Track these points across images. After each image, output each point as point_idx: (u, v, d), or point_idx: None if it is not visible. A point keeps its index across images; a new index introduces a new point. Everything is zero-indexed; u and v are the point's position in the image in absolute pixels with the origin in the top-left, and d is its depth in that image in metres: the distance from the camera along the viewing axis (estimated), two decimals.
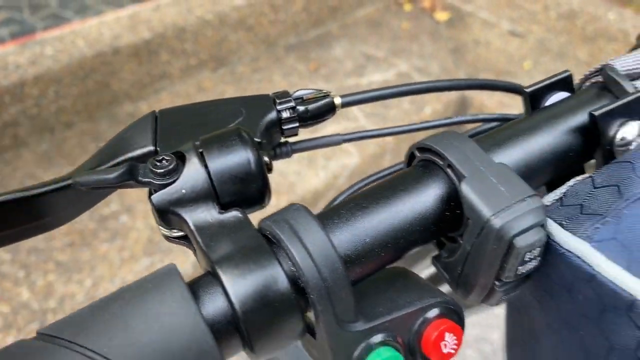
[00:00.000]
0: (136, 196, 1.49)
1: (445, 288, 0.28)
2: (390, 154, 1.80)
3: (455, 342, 0.25)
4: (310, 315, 0.23)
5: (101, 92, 1.63)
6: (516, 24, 2.33)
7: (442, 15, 2.33)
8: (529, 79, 2.10)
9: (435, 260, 0.27)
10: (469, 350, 1.68)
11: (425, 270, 0.52)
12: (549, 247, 0.23)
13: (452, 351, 0.25)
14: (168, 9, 1.73)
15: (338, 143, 0.32)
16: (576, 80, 0.31)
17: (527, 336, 0.29)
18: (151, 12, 1.71)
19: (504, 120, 0.32)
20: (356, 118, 1.80)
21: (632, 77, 0.28)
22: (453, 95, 1.97)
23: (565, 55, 2.24)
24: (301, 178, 1.55)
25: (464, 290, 0.25)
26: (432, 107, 1.89)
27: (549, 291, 0.25)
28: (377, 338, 0.23)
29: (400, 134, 0.31)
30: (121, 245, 1.38)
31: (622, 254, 0.22)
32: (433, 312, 0.24)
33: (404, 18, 2.31)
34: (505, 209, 0.22)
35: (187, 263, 1.35)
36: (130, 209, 1.45)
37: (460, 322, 0.25)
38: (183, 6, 1.75)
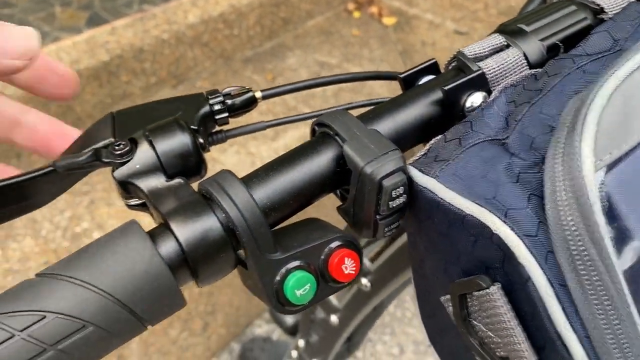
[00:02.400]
0: (106, 215, 1.54)
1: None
2: None
3: (354, 265, 0.33)
4: (241, 253, 0.31)
5: (65, 115, 1.68)
6: (460, 24, 2.46)
7: (389, 20, 2.45)
8: None
9: (338, 209, 0.35)
10: None
11: None
12: (412, 186, 0.32)
13: (352, 272, 0.33)
14: (124, 30, 1.79)
15: (263, 128, 0.40)
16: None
17: (419, 263, 0.37)
18: (107, 35, 1.77)
19: (381, 102, 0.41)
20: (296, 108, 1.89)
21: (478, 59, 0.37)
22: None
23: None
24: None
25: (357, 227, 0.34)
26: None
27: (420, 220, 0.33)
28: (293, 264, 0.31)
29: (309, 119, 0.40)
30: None
31: (457, 184, 0.30)
32: (335, 244, 0.32)
33: (353, 25, 2.41)
34: (374, 159, 0.31)
35: None
36: (102, 225, 1.50)
37: (357, 250, 0.33)
38: (139, 27, 1.82)
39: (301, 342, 1.05)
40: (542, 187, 0.28)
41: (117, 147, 0.32)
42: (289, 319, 1.20)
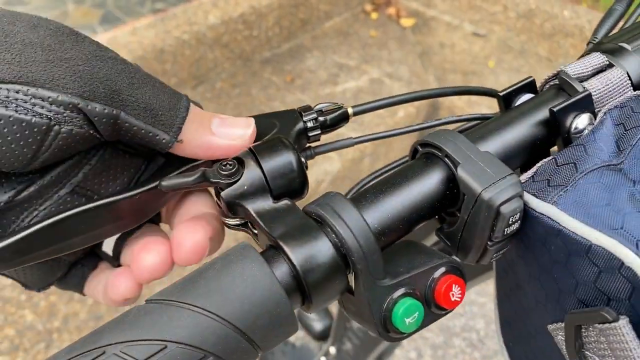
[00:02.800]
0: None
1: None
2: (369, 158, 1.89)
3: (460, 292, 0.32)
4: (350, 278, 0.30)
5: None
6: (478, 25, 2.44)
7: (407, 22, 2.43)
8: (494, 76, 2.21)
9: (439, 231, 0.34)
10: (456, 340, 1.76)
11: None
12: (527, 213, 0.31)
13: (458, 299, 0.32)
14: (146, 31, 1.79)
15: (351, 145, 0.39)
16: (539, 84, 0.38)
17: (514, 288, 0.36)
18: (129, 35, 1.77)
19: (483, 119, 0.40)
20: None
21: (581, 79, 0.36)
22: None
23: (527, 52, 2.36)
24: None
25: (463, 252, 0.33)
26: (405, 110, 1.98)
27: (529, 246, 0.32)
28: (401, 291, 0.30)
29: (403, 134, 0.39)
30: None
31: (579, 212, 0.29)
32: (441, 270, 0.31)
33: (371, 26, 2.40)
34: (492, 184, 0.30)
35: None
36: None
37: (463, 277, 0.32)
38: (160, 28, 1.81)
39: (332, 349, 1.05)
40: None
41: (224, 167, 0.31)
42: (318, 325, 1.19)
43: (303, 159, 0.33)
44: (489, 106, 1.86)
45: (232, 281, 0.27)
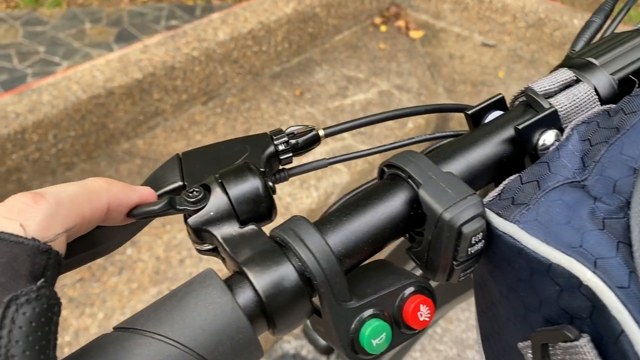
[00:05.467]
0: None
1: (419, 272, 0.36)
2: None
3: (429, 312, 0.32)
4: (316, 300, 0.31)
5: (98, 132, 1.70)
6: (488, 36, 2.44)
7: (416, 33, 2.44)
8: (505, 86, 2.20)
9: (408, 250, 0.34)
10: (470, 352, 1.74)
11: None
12: (490, 231, 0.31)
13: (427, 319, 0.32)
14: (156, 49, 1.82)
15: (324, 166, 0.39)
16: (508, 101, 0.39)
17: (489, 305, 0.36)
18: (140, 53, 1.80)
19: (454, 136, 0.40)
20: (343, 137, 1.89)
21: (548, 95, 0.36)
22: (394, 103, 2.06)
23: (537, 61, 2.35)
24: (295, 199, 1.62)
25: (431, 271, 0.33)
26: (415, 121, 1.98)
27: (496, 265, 0.32)
28: (368, 312, 0.30)
29: (374, 154, 0.39)
30: (129, 277, 1.44)
31: (540, 231, 0.29)
32: (409, 290, 0.32)
33: (380, 39, 2.41)
34: (453, 205, 0.30)
35: None
36: (135, 243, 1.51)
37: (431, 296, 0.32)
38: (170, 45, 1.84)
39: None
40: (630, 233, 0.27)
41: (190, 194, 0.32)
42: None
43: (271, 184, 0.34)
44: None
45: (194, 309, 0.27)
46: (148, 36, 2.95)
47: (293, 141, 0.38)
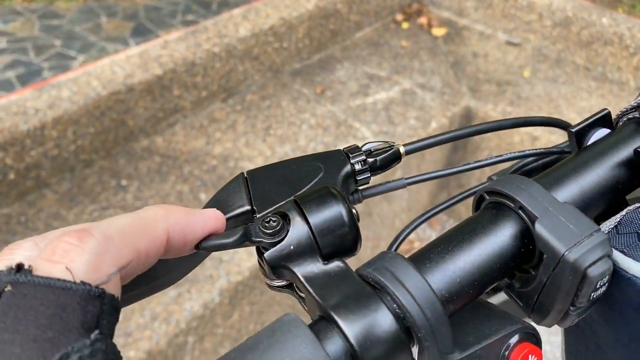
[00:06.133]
0: None
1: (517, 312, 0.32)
2: (400, 172, 1.84)
3: None
4: (413, 350, 0.27)
5: (117, 129, 1.67)
6: (512, 34, 2.38)
7: (439, 31, 2.39)
8: (530, 86, 2.14)
9: (509, 289, 0.30)
10: None
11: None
12: (616, 273, 0.27)
13: None
14: (176, 44, 1.78)
15: (403, 186, 0.35)
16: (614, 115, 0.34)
17: (593, 349, 0.32)
18: (160, 49, 1.76)
19: (550, 154, 0.36)
20: (364, 137, 1.84)
21: None
22: (457, 108, 2.01)
23: (563, 61, 2.29)
24: None
25: (539, 315, 0.29)
26: (438, 121, 1.93)
27: (618, 310, 0.28)
28: None
29: (458, 173, 0.35)
30: None
31: None
32: (515, 338, 0.28)
33: (402, 36, 2.36)
34: (577, 244, 0.26)
35: (214, 291, 1.38)
36: None
37: (538, 344, 0.28)
38: (191, 41, 1.80)
39: None
40: None
41: (267, 224, 0.28)
42: None
43: (354, 210, 0.30)
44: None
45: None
46: (164, 31, 2.92)
47: (371, 160, 0.33)
